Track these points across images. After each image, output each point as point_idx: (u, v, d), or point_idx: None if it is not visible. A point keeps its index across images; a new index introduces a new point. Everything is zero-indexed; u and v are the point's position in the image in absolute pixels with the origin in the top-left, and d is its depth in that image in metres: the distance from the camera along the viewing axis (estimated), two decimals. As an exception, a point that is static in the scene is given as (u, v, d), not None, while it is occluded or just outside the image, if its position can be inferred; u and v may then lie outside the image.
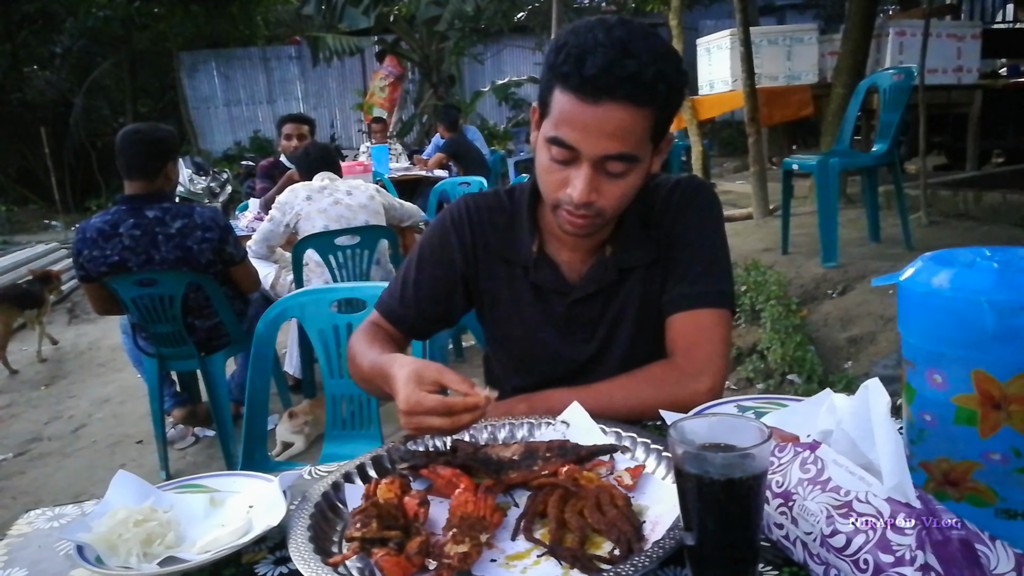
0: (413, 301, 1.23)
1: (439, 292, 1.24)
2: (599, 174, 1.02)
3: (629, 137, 0.99)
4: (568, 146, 1.00)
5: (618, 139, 0.99)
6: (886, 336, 3.01)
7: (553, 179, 1.05)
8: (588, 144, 0.99)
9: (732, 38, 5.40)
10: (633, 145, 1.00)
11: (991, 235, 4.00)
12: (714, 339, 1.12)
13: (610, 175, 1.03)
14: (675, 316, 1.15)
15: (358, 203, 3.21)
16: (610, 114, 0.97)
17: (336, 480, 0.91)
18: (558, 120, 1.01)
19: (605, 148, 0.99)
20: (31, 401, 4.05)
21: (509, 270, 1.23)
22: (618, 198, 1.05)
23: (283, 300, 1.83)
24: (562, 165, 1.03)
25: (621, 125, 0.98)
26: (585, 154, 1.00)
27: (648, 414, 1.06)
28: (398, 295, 1.25)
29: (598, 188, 1.03)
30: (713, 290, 1.15)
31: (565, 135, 1.00)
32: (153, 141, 2.63)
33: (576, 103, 0.98)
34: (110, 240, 2.60)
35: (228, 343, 2.92)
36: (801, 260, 3.88)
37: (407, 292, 1.24)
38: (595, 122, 0.97)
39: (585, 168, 1.01)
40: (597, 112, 0.97)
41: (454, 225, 1.24)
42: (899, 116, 3.65)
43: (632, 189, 1.06)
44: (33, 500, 2.89)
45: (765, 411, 1.02)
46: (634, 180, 1.05)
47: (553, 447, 0.95)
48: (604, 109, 0.96)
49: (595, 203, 1.04)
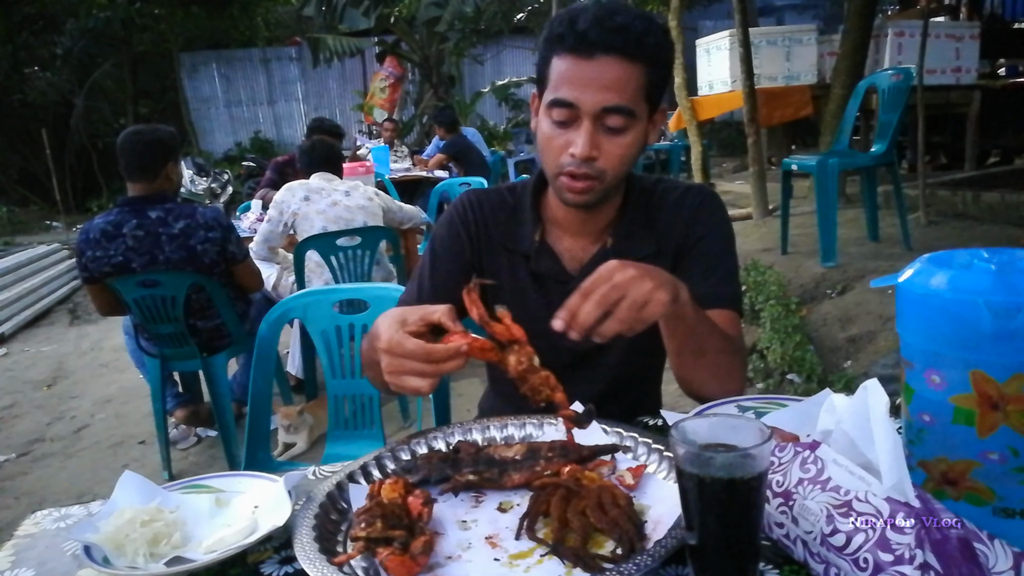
0: (431, 297, 1.24)
1: (454, 283, 1.26)
2: (599, 130, 1.06)
3: (625, 89, 1.04)
4: (568, 103, 1.05)
5: (614, 90, 1.03)
6: (885, 336, 3.02)
7: (555, 145, 1.09)
8: (586, 97, 1.04)
9: (731, 39, 5.41)
10: (629, 98, 1.04)
11: (990, 235, 4.01)
12: (739, 338, 1.17)
13: (610, 131, 1.07)
14: None
15: (356, 204, 3.22)
16: (605, 66, 1.02)
17: (340, 480, 0.92)
18: (557, 83, 1.06)
19: (603, 100, 1.04)
20: (34, 401, 4.06)
21: (511, 260, 1.25)
22: (618, 158, 1.09)
23: (286, 301, 1.84)
24: (563, 128, 1.08)
25: (616, 77, 1.03)
26: (584, 108, 1.04)
27: (714, 373, 1.09)
28: (415, 293, 1.27)
29: (599, 145, 1.07)
30: (730, 292, 1.19)
31: (564, 93, 1.05)
32: (152, 142, 2.64)
33: (572, 61, 1.04)
34: (113, 241, 2.61)
35: (230, 344, 2.93)
36: (800, 260, 3.88)
37: (424, 289, 1.26)
38: (592, 76, 1.03)
39: (585, 124, 1.05)
40: (592, 66, 1.03)
41: (460, 217, 1.27)
42: (898, 117, 3.66)
43: (630, 151, 1.10)
44: (36, 500, 2.90)
45: (765, 411, 1.03)
46: (632, 140, 1.09)
47: (555, 447, 0.95)
48: (599, 63, 1.02)
49: (596, 162, 1.07)
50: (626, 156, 1.10)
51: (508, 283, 1.25)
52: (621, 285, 0.85)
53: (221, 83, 13.09)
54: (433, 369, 0.85)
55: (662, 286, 0.87)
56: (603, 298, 0.85)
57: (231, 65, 13.04)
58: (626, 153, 1.09)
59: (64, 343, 5.13)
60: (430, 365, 0.85)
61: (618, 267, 0.87)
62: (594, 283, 0.86)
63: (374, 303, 1.83)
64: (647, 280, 0.86)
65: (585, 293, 0.86)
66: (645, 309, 0.86)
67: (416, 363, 0.85)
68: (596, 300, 0.85)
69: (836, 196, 3.63)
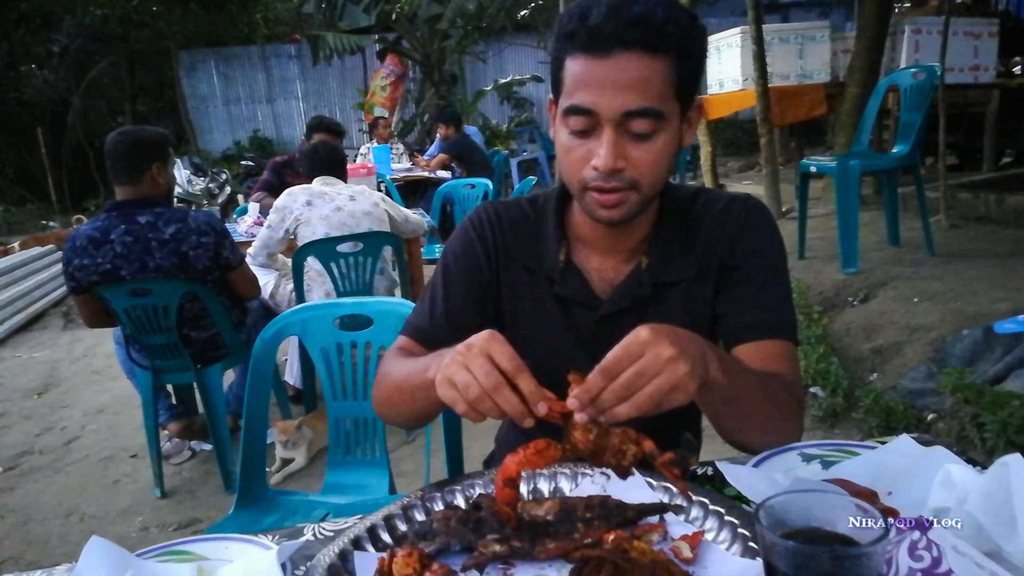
0: (445, 317, 1.11)
1: (472, 303, 1.13)
2: (623, 137, 0.92)
3: (648, 88, 0.90)
4: (585, 110, 0.91)
5: (636, 91, 0.89)
6: (912, 347, 2.88)
7: (575, 157, 0.95)
8: (605, 102, 0.90)
9: (743, 36, 5.27)
10: (654, 97, 0.90)
11: (1015, 239, 3.88)
12: (796, 370, 1.03)
13: (636, 137, 0.92)
14: (746, 346, 1.03)
15: (361, 210, 3.08)
16: (623, 64, 0.89)
17: (344, 548, 0.78)
18: (571, 87, 0.93)
19: (624, 103, 0.90)
20: (23, 411, 3.92)
21: (532, 280, 1.11)
22: (649, 166, 0.94)
23: (282, 317, 1.70)
24: (583, 138, 0.94)
25: (637, 75, 0.89)
26: (604, 115, 0.91)
27: (763, 426, 0.93)
28: (427, 314, 1.13)
29: (625, 154, 0.93)
30: (784, 320, 1.04)
31: (580, 99, 0.91)
32: (135, 142, 2.49)
33: (587, 62, 0.90)
34: (101, 248, 2.47)
35: (225, 355, 2.79)
36: (819, 265, 3.75)
37: (437, 309, 1.12)
38: (609, 76, 0.89)
39: (607, 132, 0.91)
40: (609, 65, 0.89)
41: (476, 231, 1.13)
42: (921, 117, 3.52)
43: (663, 157, 0.95)
44: (22, 519, 2.76)
45: (834, 460, 0.89)
46: (664, 146, 0.94)
47: (593, 504, 0.82)
48: (616, 60, 0.89)
49: (624, 172, 0.93)
50: (658, 163, 0.95)
51: (528, 305, 1.11)
52: (649, 370, 0.72)
53: (220, 81, 12.94)
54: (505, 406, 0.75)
55: (693, 370, 0.73)
56: (628, 385, 0.72)
57: (230, 63, 12.89)
58: (658, 160, 0.94)
59: (57, 348, 5.00)
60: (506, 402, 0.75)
61: (650, 342, 0.73)
62: (618, 361, 0.73)
63: (378, 318, 1.69)
64: (680, 364, 0.72)
65: (608, 373, 0.73)
66: (669, 395, 0.73)
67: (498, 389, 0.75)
68: (620, 386, 0.72)
69: (857, 199, 3.49)
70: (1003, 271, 3.31)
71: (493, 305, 1.14)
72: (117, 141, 2.48)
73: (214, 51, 12.78)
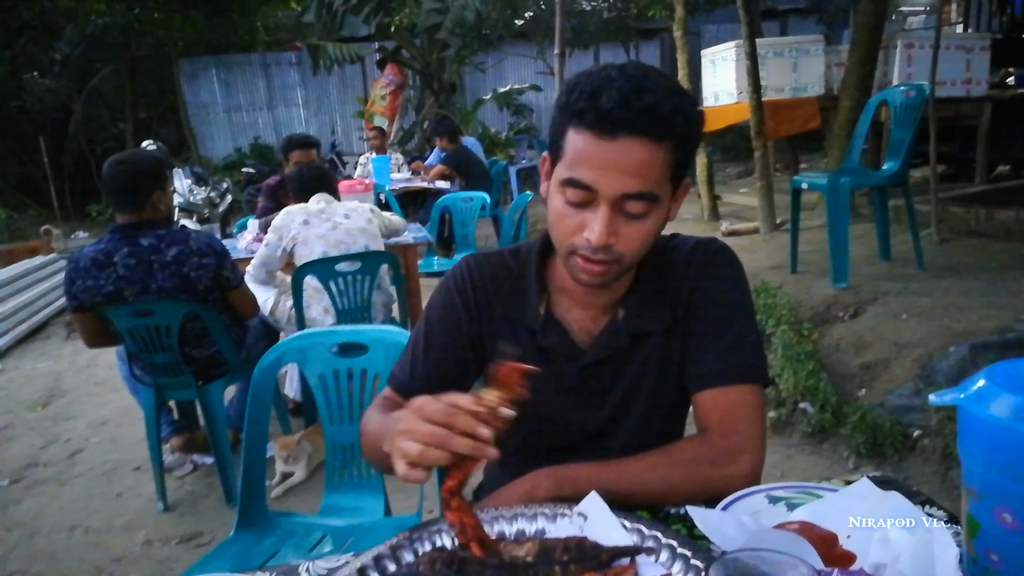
0: (424, 373, 1.15)
1: (450, 360, 1.17)
2: (617, 215, 0.96)
3: (648, 174, 0.94)
4: (585, 186, 0.95)
5: (637, 176, 0.93)
6: (900, 363, 2.94)
7: (568, 224, 0.99)
8: (606, 182, 0.93)
9: (737, 50, 5.33)
10: (653, 183, 0.95)
11: (1004, 254, 3.93)
12: (751, 417, 1.04)
13: (629, 216, 0.97)
14: (705, 392, 1.07)
15: (357, 227, 3.14)
16: (628, 150, 0.92)
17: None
18: (573, 160, 0.95)
19: (624, 186, 0.94)
20: (28, 423, 3.98)
21: (515, 333, 1.15)
22: (637, 242, 0.99)
23: (280, 345, 1.76)
24: (578, 208, 0.97)
25: (640, 161, 0.93)
26: (603, 193, 0.94)
27: (681, 499, 0.98)
28: (408, 369, 1.17)
29: (616, 231, 0.96)
30: (746, 363, 1.07)
31: (581, 175, 0.94)
32: (135, 173, 2.54)
33: (592, 140, 0.93)
34: (104, 269, 2.53)
35: (226, 372, 2.85)
36: (810, 280, 3.80)
37: (417, 365, 1.17)
38: (613, 159, 0.92)
39: (603, 209, 0.95)
40: (614, 148, 0.92)
41: (457, 287, 1.17)
42: (911, 134, 3.58)
43: (651, 235, 1.00)
44: (28, 532, 2.82)
45: (798, 502, 0.95)
46: (653, 224, 0.99)
47: (571, 546, 0.87)
48: (622, 145, 0.92)
49: (613, 247, 0.98)
50: (646, 240, 1.00)
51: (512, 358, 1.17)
52: None
53: (220, 88, 13.02)
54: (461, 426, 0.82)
55: None
56: None
57: (231, 70, 12.96)
58: (646, 238, 0.99)
59: (60, 359, 5.06)
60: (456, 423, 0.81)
61: None
62: None
63: (373, 346, 1.75)
64: None
65: None
66: None
67: (433, 427, 0.81)
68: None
69: (847, 216, 3.55)
70: (991, 288, 3.37)
71: (476, 359, 1.17)
72: (117, 172, 2.53)
73: (215, 58, 12.86)
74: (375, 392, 1.74)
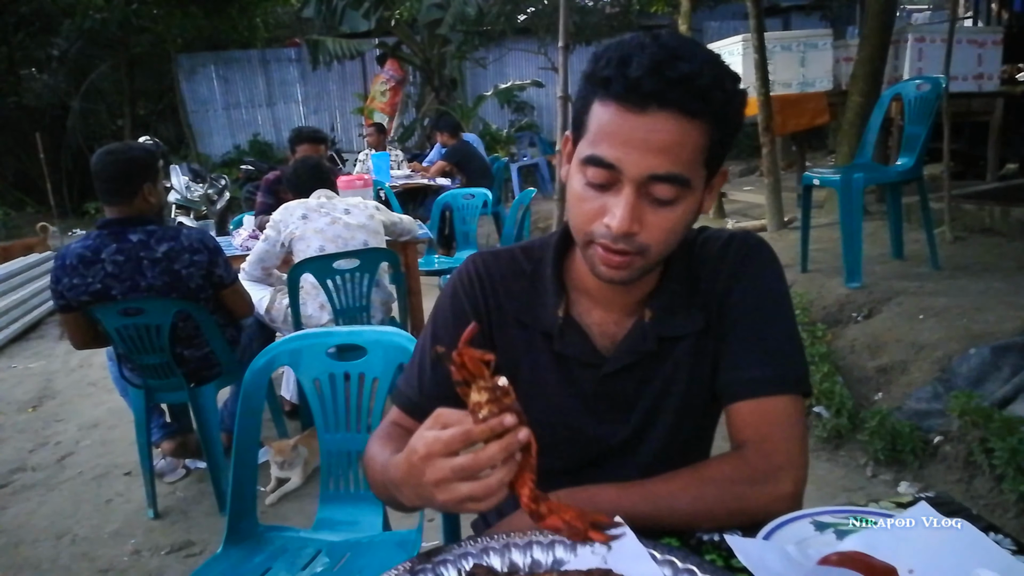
0: (433, 387, 1.04)
1: None
2: (643, 200, 0.85)
3: (680, 154, 0.83)
4: (608, 164, 0.84)
5: (667, 156, 0.82)
6: (918, 366, 2.83)
7: (587, 208, 0.88)
8: (631, 161, 0.83)
9: (745, 44, 5.22)
10: (684, 165, 0.83)
11: (1021, 253, 3.82)
12: (792, 432, 0.93)
13: (656, 202, 0.85)
14: (741, 404, 0.95)
15: (357, 223, 3.03)
16: (658, 125, 0.81)
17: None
18: (596, 136, 0.85)
19: (651, 166, 0.83)
20: (17, 425, 3.88)
21: (529, 338, 1.04)
22: (664, 233, 0.87)
23: (272, 347, 1.65)
24: (599, 191, 0.86)
25: (671, 139, 0.82)
26: (627, 174, 0.83)
27: (714, 523, 0.87)
28: (416, 384, 1.06)
29: (641, 217, 0.85)
30: (787, 372, 0.95)
31: (604, 152, 0.84)
32: (126, 162, 2.43)
33: (618, 113, 0.82)
34: (91, 267, 2.42)
35: (219, 374, 2.75)
36: (822, 279, 3.69)
37: (425, 379, 1.05)
38: (640, 135, 0.82)
39: (627, 191, 0.84)
40: (643, 122, 0.81)
41: (464, 290, 1.06)
42: (926, 129, 3.47)
43: (680, 225, 0.88)
44: (13, 541, 2.72)
45: (848, 529, 0.84)
46: (683, 214, 0.87)
47: (593, 579, 0.77)
48: (651, 119, 0.81)
49: (636, 236, 0.86)
50: (674, 231, 0.88)
51: (525, 364, 1.04)
52: None
53: (219, 85, 12.90)
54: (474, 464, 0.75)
55: None
56: None
57: (229, 67, 12.85)
58: (674, 228, 0.88)
59: (53, 359, 4.95)
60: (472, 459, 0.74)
61: None
62: None
63: (372, 348, 1.64)
64: None
65: None
66: None
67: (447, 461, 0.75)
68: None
69: (861, 213, 3.43)
70: (1009, 287, 3.26)
71: None
72: (107, 162, 2.42)
73: (214, 55, 12.75)
74: (373, 397, 1.64)
